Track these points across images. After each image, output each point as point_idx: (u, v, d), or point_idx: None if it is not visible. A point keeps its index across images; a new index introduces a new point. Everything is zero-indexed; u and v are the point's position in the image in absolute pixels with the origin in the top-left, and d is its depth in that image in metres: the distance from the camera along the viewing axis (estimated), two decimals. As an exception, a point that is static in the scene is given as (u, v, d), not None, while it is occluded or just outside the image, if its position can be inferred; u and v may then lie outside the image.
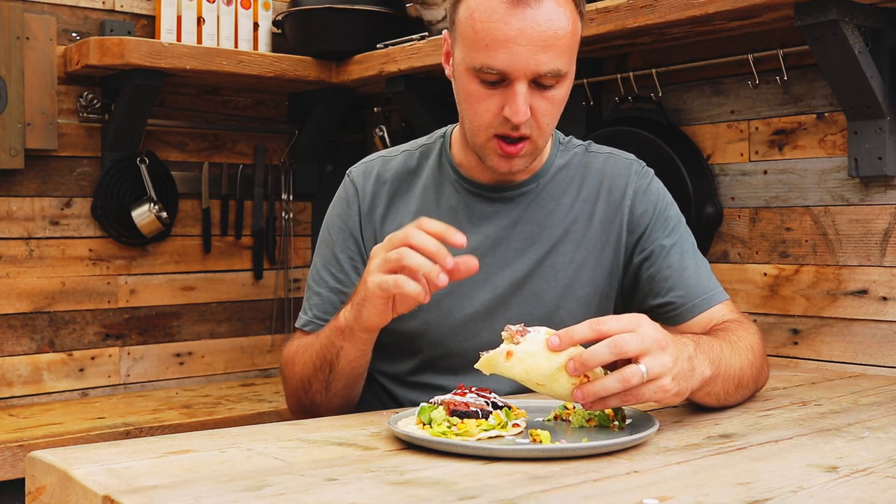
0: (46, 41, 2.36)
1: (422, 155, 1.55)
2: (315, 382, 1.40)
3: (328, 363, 1.37)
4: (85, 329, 2.49)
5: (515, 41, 1.29)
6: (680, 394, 1.13)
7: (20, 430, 2.06)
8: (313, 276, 1.54)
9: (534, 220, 1.49)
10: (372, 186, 1.52)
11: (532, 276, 1.47)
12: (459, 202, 1.49)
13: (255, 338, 2.82)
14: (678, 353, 1.12)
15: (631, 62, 2.25)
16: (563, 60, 1.33)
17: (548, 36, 1.30)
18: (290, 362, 1.47)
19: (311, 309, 1.51)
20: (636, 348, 1.07)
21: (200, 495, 0.88)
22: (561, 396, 1.12)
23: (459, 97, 1.40)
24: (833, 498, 0.89)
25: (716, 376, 1.21)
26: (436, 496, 0.88)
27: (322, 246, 1.55)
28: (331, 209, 1.56)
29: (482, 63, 1.31)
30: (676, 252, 1.47)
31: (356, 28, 2.52)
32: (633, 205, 1.49)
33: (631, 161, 1.54)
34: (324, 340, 1.37)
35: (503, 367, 1.11)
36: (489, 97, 1.35)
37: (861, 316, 1.86)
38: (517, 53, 1.29)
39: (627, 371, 1.07)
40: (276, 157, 2.86)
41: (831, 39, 1.70)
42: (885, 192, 1.83)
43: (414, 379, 1.50)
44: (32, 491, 1.03)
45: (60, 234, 2.45)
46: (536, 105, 1.34)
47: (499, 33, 1.30)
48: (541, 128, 1.37)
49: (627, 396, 1.08)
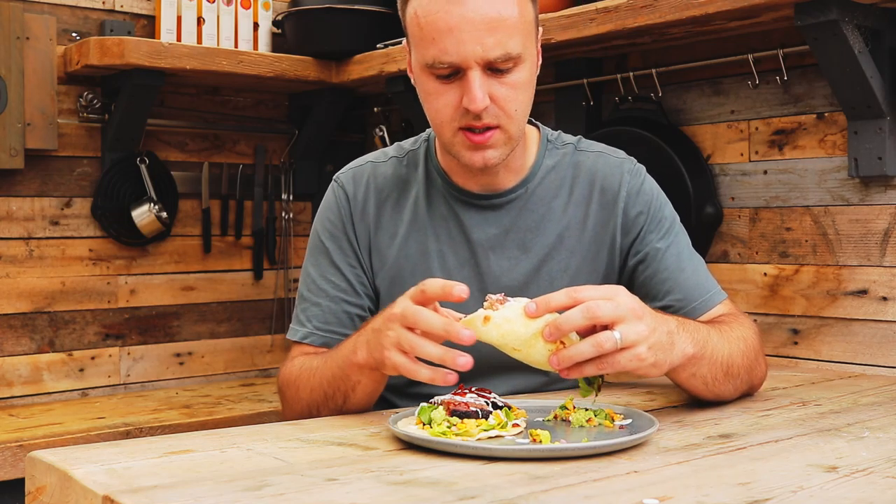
0: (46, 41, 2.36)
1: (410, 162, 1.52)
2: (325, 410, 1.35)
3: (342, 393, 1.32)
4: (85, 329, 2.49)
5: (459, 29, 1.27)
6: (657, 365, 1.12)
7: (20, 430, 2.06)
8: (308, 286, 1.48)
9: (526, 226, 1.46)
10: (363, 192, 1.49)
11: (528, 285, 1.45)
12: (450, 212, 1.47)
13: (255, 338, 2.82)
14: (656, 325, 1.12)
15: (631, 62, 2.25)
16: (513, 42, 1.29)
17: (491, 19, 1.27)
18: (293, 386, 1.41)
19: (311, 320, 1.46)
20: (610, 315, 1.08)
21: (200, 495, 0.88)
22: (537, 363, 1.12)
23: (421, 98, 1.38)
24: (833, 498, 0.89)
25: (700, 356, 1.21)
26: (436, 496, 0.88)
27: (315, 254, 1.50)
28: (321, 215, 1.52)
29: (432, 58, 1.30)
30: (672, 254, 1.46)
31: (356, 28, 2.52)
32: (626, 207, 1.47)
33: (622, 160, 1.51)
34: (336, 371, 1.31)
35: (480, 332, 1.11)
36: (446, 91, 1.33)
37: (861, 316, 1.86)
38: (462, 41, 1.27)
39: (601, 336, 1.07)
40: (276, 157, 2.86)
41: (831, 39, 1.70)
42: (885, 192, 1.83)
43: (412, 390, 1.47)
44: (32, 491, 1.03)
45: (60, 234, 2.45)
46: (496, 92, 1.31)
47: (441, 24, 1.28)
48: (508, 114, 1.33)
49: (602, 363, 1.08)
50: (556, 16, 2.00)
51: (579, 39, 1.99)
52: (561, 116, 2.33)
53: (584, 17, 1.96)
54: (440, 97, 1.33)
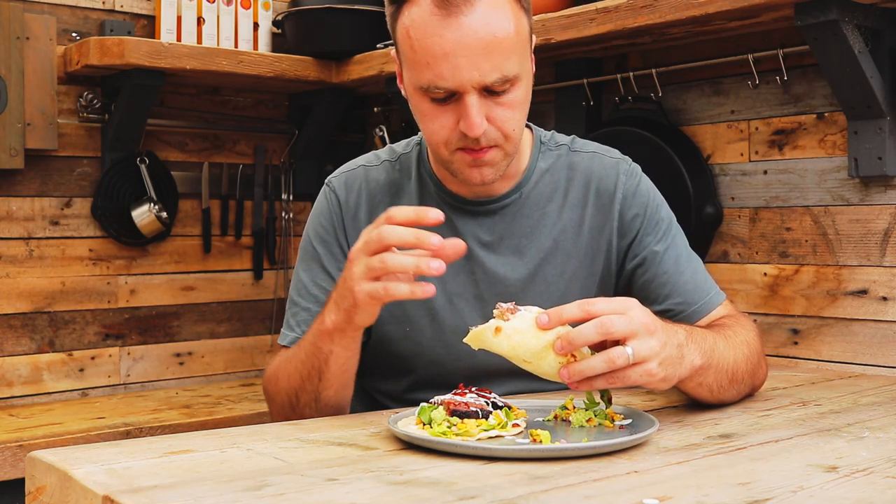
0: (46, 41, 2.36)
1: (402, 167, 1.50)
2: (303, 395, 1.33)
3: (317, 371, 1.30)
4: (85, 329, 2.49)
5: (454, 54, 1.23)
6: (667, 379, 1.12)
7: (20, 430, 2.06)
8: (299, 291, 1.46)
9: (521, 232, 1.45)
10: (355, 198, 1.47)
11: (524, 290, 1.43)
12: (444, 218, 1.46)
13: (255, 338, 2.82)
14: (667, 339, 1.11)
15: (631, 62, 2.25)
16: (510, 63, 1.26)
17: (487, 42, 1.23)
18: (273, 379, 1.40)
19: (300, 325, 1.43)
20: (623, 330, 1.07)
21: (200, 495, 0.88)
22: (548, 375, 1.12)
23: (415, 116, 1.36)
24: (833, 498, 0.89)
25: (707, 367, 1.21)
26: (436, 496, 0.88)
27: (307, 259, 1.48)
28: (313, 220, 1.50)
29: (427, 82, 1.27)
30: (671, 256, 1.44)
31: (356, 28, 2.52)
32: (622, 209, 1.45)
33: (617, 160, 1.49)
34: (308, 348, 1.30)
35: (491, 343, 1.11)
36: (442, 114, 1.29)
37: (861, 316, 1.86)
38: (459, 67, 1.23)
39: (613, 352, 1.07)
40: (276, 157, 2.86)
41: (831, 39, 1.70)
42: (885, 192, 1.83)
43: (410, 397, 1.46)
44: (32, 491, 1.03)
45: (60, 234, 2.45)
46: (493, 113, 1.28)
47: (436, 48, 1.24)
48: (506, 134, 1.31)
49: (613, 378, 1.08)
50: (556, 16, 2.00)
51: (579, 39, 1.99)
52: (561, 116, 2.33)
53: (584, 17, 1.96)
54: (436, 119, 1.31)
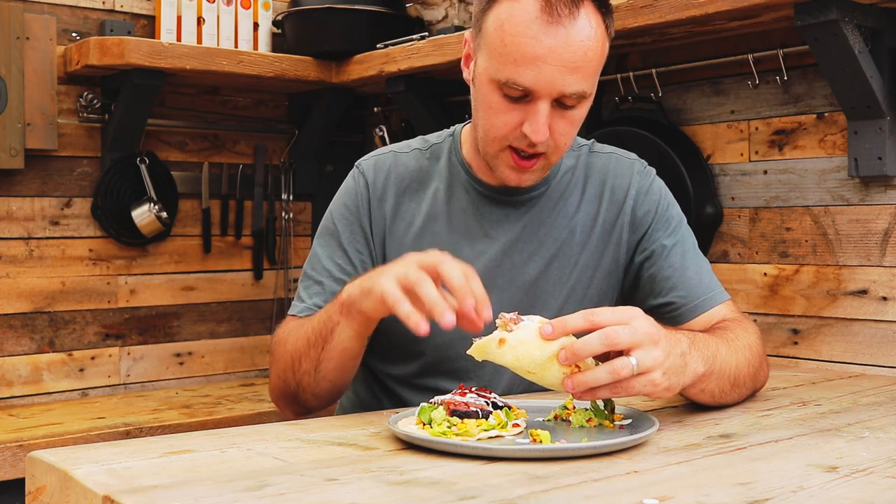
0: (46, 41, 2.36)
1: (433, 155, 1.52)
2: (305, 361, 1.35)
3: (322, 339, 1.32)
4: (85, 329, 2.49)
5: (545, 60, 1.26)
6: (670, 388, 1.13)
7: (20, 430, 2.06)
8: (313, 264, 1.48)
9: (541, 222, 1.48)
10: (383, 181, 1.49)
11: (539, 280, 1.47)
12: (470, 205, 1.48)
13: (254, 338, 2.82)
14: (670, 349, 1.12)
15: (631, 62, 2.25)
16: (588, 82, 1.31)
17: (578, 58, 1.27)
18: (282, 342, 1.41)
19: (312, 297, 1.45)
20: (628, 341, 1.08)
21: (200, 495, 0.88)
22: (552, 385, 1.12)
23: (477, 104, 1.38)
24: (833, 498, 0.89)
25: (710, 374, 1.22)
26: (436, 496, 0.88)
27: (325, 235, 1.50)
28: (338, 199, 1.52)
29: (508, 77, 1.29)
30: (678, 252, 1.48)
31: (356, 28, 2.52)
32: (635, 205, 1.50)
33: (633, 161, 1.54)
34: (322, 315, 1.33)
35: (495, 354, 1.11)
36: (509, 111, 1.32)
37: (861, 316, 1.86)
38: (546, 73, 1.27)
39: (618, 363, 1.07)
40: (276, 157, 2.86)
41: (831, 39, 1.70)
42: (885, 192, 1.83)
43: (420, 382, 1.48)
44: (32, 491, 1.03)
45: (60, 234, 2.46)
46: (555, 125, 1.32)
47: (529, 50, 1.26)
48: (557, 146, 1.36)
49: (617, 388, 1.09)
50: (556, 16, 2.00)
51: (579, 39, 1.98)
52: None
53: (584, 17, 1.95)
54: (501, 115, 1.33)
